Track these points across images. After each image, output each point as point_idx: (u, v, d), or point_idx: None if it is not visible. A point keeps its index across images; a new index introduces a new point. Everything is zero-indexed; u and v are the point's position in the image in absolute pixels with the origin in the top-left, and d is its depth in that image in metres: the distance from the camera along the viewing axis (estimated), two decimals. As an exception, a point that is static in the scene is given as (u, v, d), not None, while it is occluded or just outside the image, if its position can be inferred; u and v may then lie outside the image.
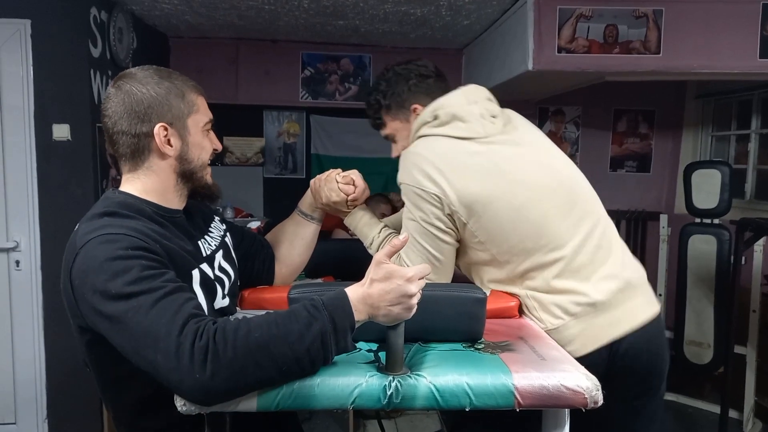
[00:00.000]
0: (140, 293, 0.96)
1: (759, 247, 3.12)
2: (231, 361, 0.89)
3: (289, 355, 0.92)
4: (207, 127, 1.24)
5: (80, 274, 1.01)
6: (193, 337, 0.90)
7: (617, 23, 2.92)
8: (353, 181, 1.53)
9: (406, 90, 1.54)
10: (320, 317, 0.95)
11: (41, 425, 2.90)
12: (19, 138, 2.75)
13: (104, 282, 0.97)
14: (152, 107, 1.15)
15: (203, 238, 1.29)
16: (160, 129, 1.15)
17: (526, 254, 1.38)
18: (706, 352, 3.29)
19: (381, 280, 0.97)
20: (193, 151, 1.21)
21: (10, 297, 2.83)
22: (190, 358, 0.89)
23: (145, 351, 0.93)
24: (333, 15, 3.33)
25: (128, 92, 1.15)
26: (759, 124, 3.91)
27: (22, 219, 2.79)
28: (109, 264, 0.98)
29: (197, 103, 1.22)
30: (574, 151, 4.51)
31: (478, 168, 1.39)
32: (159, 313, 0.94)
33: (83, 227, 1.08)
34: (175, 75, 1.21)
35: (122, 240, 1.02)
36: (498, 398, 0.97)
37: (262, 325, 0.94)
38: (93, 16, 2.82)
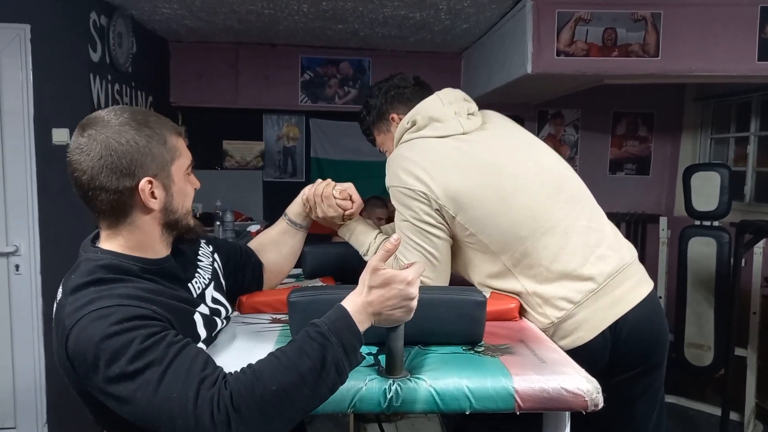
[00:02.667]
0: (145, 368, 0.90)
1: (759, 249, 3.12)
2: (257, 423, 0.87)
3: (309, 395, 0.90)
4: (188, 170, 1.15)
5: (78, 356, 0.95)
6: (211, 409, 0.86)
7: (616, 26, 2.93)
8: (350, 197, 1.54)
9: (384, 102, 1.62)
10: (330, 346, 0.91)
11: (41, 430, 2.89)
12: (19, 142, 2.75)
13: (105, 365, 0.91)
14: (135, 160, 1.03)
15: (194, 276, 1.23)
16: (145, 183, 1.05)
17: (519, 241, 1.39)
18: (707, 354, 3.28)
19: (380, 286, 0.96)
20: (177, 200, 1.12)
21: (10, 301, 2.82)
22: (208, 413, 0.86)
23: (162, 430, 0.89)
24: (332, 19, 3.34)
25: (106, 145, 1.02)
26: (758, 126, 3.91)
27: (22, 223, 2.79)
28: (106, 344, 0.91)
29: (178, 147, 1.11)
30: (574, 154, 4.52)
31: (461, 161, 1.43)
32: (169, 386, 0.89)
33: (70, 302, 0.99)
34: (152, 117, 1.09)
35: (115, 313, 0.94)
36: (498, 401, 0.97)
37: (275, 374, 0.89)
38: (93, 21, 2.83)
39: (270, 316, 1.36)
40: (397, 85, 1.63)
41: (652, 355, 1.44)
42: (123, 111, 1.07)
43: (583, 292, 1.37)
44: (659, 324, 1.47)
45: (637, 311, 1.40)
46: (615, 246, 1.45)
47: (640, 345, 1.41)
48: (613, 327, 1.38)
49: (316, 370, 0.89)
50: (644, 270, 1.51)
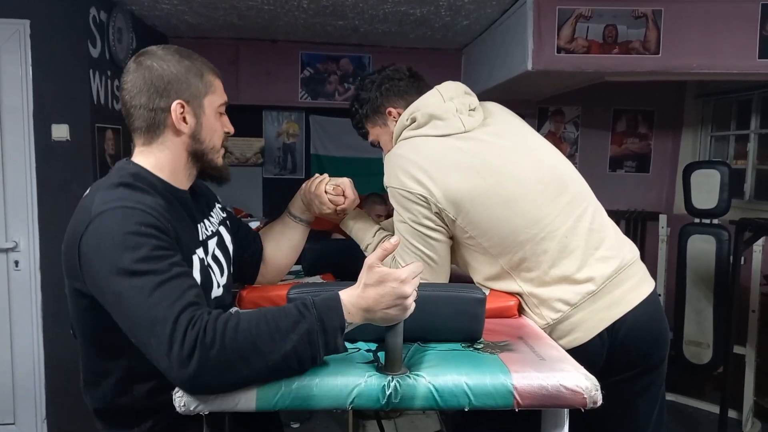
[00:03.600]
0: (146, 273, 0.97)
1: (758, 247, 3.12)
2: (218, 354, 0.90)
3: (275, 352, 0.93)
4: (221, 109, 1.26)
5: (91, 242, 1.02)
6: (186, 326, 0.92)
7: (616, 23, 2.92)
8: (343, 192, 1.53)
9: (378, 95, 1.56)
10: (308, 316, 0.95)
11: (40, 425, 2.90)
12: (19, 138, 2.74)
13: (114, 255, 0.99)
14: (172, 84, 1.17)
15: (203, 222, 1.29)
16: (177, 106, 1.17)
17: (519, 246, 1.37)
18: (706, 352, 3.29)
19: (374, 284, 0.97)
20: (205, 131, 1.22)
21: (9, 297, 2.83)
22: (180, 347, 0.90)
23: (140, 332, 0.96)
24: (332, 15, 3.33)
25: (149, 68, 1.17)
26: (758, 124, 3.91)
27: (22, 219, 2.79)
28: (122, 238, 1.00)
29: (214, 85, 1.24)
30: (574, 151, 4.51)
31: (462, 163, 1.39)
32: (161, 296, 0.95)
33: (100, 196, 1.08)
34: (195, 56, 1.24)
35: (138, 215, 1.03)
36: (497, 398, 0.97)
37: (251, 320, 0.95)
38: (92, 17, 2.82)
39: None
40: (390, 77, 1.57)
41: (652, 355, 1.43)
42: (171, 47, 1.24)
43: (581, 294, 1.36)
44: (659, 324, 1.45)
45: (637, 312, 1.38)
46: (616, 246, 1.44)
47: (639, 346, 1.40)
48: (610, 329, 1.36)
49: (287, 330, 0.93)
50: (645, 269, 1.49)
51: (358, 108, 1.62)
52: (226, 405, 0.94)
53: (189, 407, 0.93)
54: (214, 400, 0.94)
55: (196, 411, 0.93)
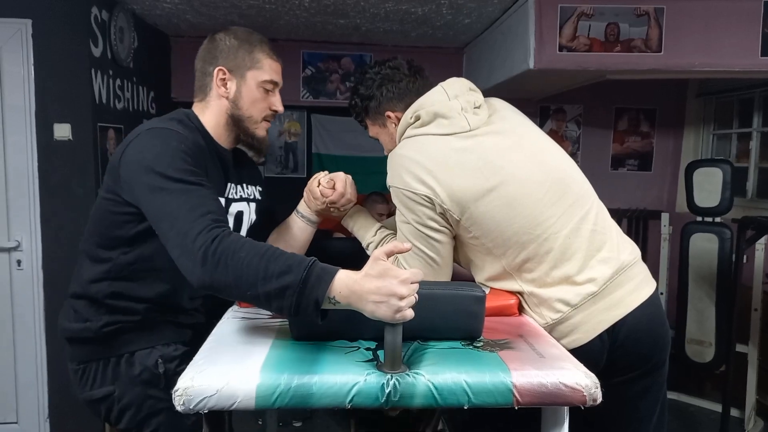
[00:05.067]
0: (181, 181, 1.16)
1: (760, 245, 3.11)
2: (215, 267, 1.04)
3: (253, 289, 1.02)
4: (266, 86, 1.41)
5: (137, 146, 1.24)
6: (201, 229, 1.07)
7: (618, 21, 2.92)
8: (334, 185, 1.54)
9: (378, 96, 1.54)
10: (297, 273, 1.00)
11: (43, 424, 2.90)
12: (21, 138, 2.75)
13: (155, 161, 1.19)
14: (221, 53, 1.38)
15: (235, 185, 1.48)
16: (218, 71, 1.38)
17: (521, 246, 1.37)
18: (708, 350, 3.28)
19: (375, 276, 0.98)
20: (245, 100, 1.40)
21: (12, 296, 2.83)
22: (192, 243, 1.06)
23: (164, 223, 1.13)
24: (334, 14, 3.33)
25: (213, 39, 1.41)
26: (760, 122, 3.90)
27: (24, 219, 2.80)
28: (164, 148, 1.21)
29: (263, 63, 1.40)
30: (576, 150, 4.51)
31: (467, 164, 1.37)
32: (188, 199, 1.13)
33: (155, 120, 1.33)
34: (258, 38, 1.42)
35: (183, 141, 1.25)
36: (497, 396, 0.96)
37: (250, 252, 1.04)
38: (94, 16, 2.83)
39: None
40: (390, 78, 1.54)
41: (653, 356, 1.42)
42: (247, 30, 1.44)
43: (581, 295, 1.35)
44: (660, 326, 1.44)
45: (637, 313, 1.38)
46: (618, 247, 1.43)
47: (639, 347, 1.39)
48: (610, 330, 1.36)
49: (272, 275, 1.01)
50: (647, 270, 1.48)
51: (357, 102, 1.60)
52: (225, 403, 0.94)
53: (189, 406, 0.93)
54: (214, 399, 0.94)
55: (196, 409, 0.94)
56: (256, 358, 1.02)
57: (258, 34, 1.44)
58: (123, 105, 3.21)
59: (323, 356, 1.04)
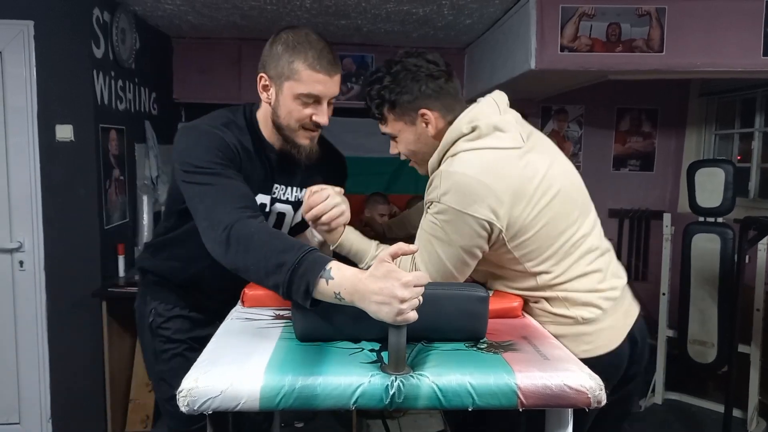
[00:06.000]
0: (206, 170, 1.30)
1: (763, 245, 3.11)
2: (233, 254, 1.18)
3: (260, 262, 1.12)
4: (304, 98, 1.39)
5: (176, 140, 1.41)
6: (226, 224, 1.18)
7: (620, 21, 2.91)
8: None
9: (415, 90, 1.41)
10: (295, 253, 1.08)
11: (45, 425, 2.91)
12: (23, 139, 2.75)
13: (187, 153, 1.35)
14: (268, 59, 1.42)
15: (285, 186, 1.54)
16: (260, 77, 1.43)
17: (557, 265, 1.38)
18: (710, 351, 3.28)
19: (379, 276, 0.98)
20: (282, 109, 1.42)
21: (14, 297, 2.84)
22: (216, 235, 1.20)
23: (196, 214, 1.28)
24: (335, 15, 3.33)
25: (273, 40, 1.42)
26: (763, 122, 3.90)
27: (26, 220, 2.80)
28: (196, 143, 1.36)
29: (301, 75, 1.37)
30: (577, 150, 4.50)
31: (528, 183, 1.33)
32: (213, 188, 1.27)
33: (202, 119, 1.45)
34: (309, 45, 1.38)
35: (215, 139, 1.37)
36: (501, 398, 0.96)
37: (265, 234, 1.17)
38: (95, 17, 2.83)
39: (273, 311, 1.35)
40: (431, 73, 1.42)
41: (630, 367, 1.46)
42: (307, 33, 1.40)
43: (609, 301, 1.41)
44: (646, 337, 1.54)
45: (639, 322, 1.49)
46: (617, 262, 1.52)
47: (644, 354, 1.51)
48: (630, 336, 1.43)
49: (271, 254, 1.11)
50: None
51: (384, 94, 1.43)
52: (229, 404, 0.94)
53: (193, 407, 0.93)
54: (218, 400, 0.94)
55: (200, 411, 0.94)
56: (260, 359, 1.02)
57: (314, 40, 1.38)
58: (125, 106, 3.21)
59: (327, 357, 1.04)
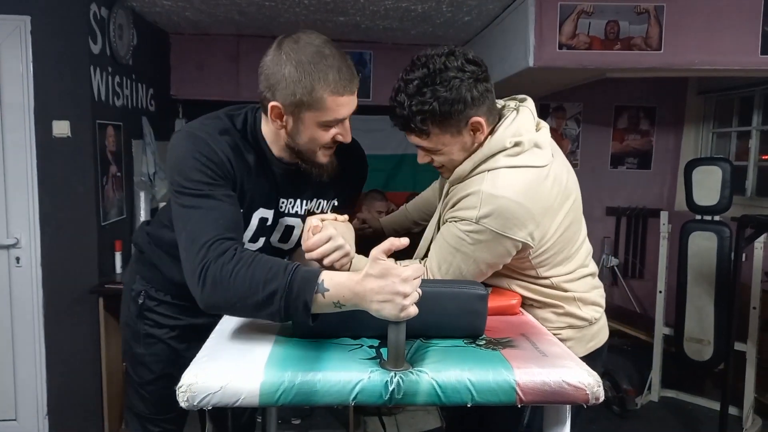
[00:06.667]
0: (197, 195, 1.17)
1: (759, 244, 3.12)
2: (211, 293, 1.07)
3: (246, 299, 1.05)
4: (329, 124, 1.24)
5: (171, 146, 1.25)
6: (202, 262, 1.08)
7: (618, 19, 2.92)
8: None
9: (468, 98, 1.29)
10: (281, 278, 1.02)
11: (42, 421, 2.90)
12: (19, 135, 2.74)
13: (176, 171, 1.20)
14: (278, 85, 1.19)
15: (293, 200, 1.39)
16: (272, 106, 1.22)
17: (569, 270, 1.43)
18: (707, 348, 3.29)
19: (376, 276, 0.97)
20: (303, 138, 1.25)
21: (11, 294, 2.83)
22: (193, 271, 1.09)
23: (179, 239, 1.17)
24: (333, 11, 3.33)
25: (275, 60, 1.20)
26: (760, 120, 3.91)
27: (23, 216, 2.79)
28: (188, 155, 1.20)
29: (325, 103, 1.20)
30: (575, 148, 4.51)
31: (557, 199, 1.33)
32: (196, 214, 1.15)
33: (199, 122, 1.28)
34: (326, 64, 1.19)
35: (211, 154, 1.21)
36: (500, 394, 0.96)
37: (246, 270, 1.05)
38: (93, 13, 2.82)
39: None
40: (478, 77, 1.31)
41: None
42: (314, 41, 1.21)
43: (604, 298, 1.51)
44: None
45: None
46: None
47: None
48: None
49: (259, 284, 1.03)
50: None
51: (436, 106, 1.28)
52: (229, 400, 0.94)
53: (193, 402, 0.93)
54: (218, 396, 0.94)
55: (200, 406, 0.93)
56: (259, 355, 1.02)
57: (329, 55, 1.20)
58: (122, 102, 3.20)
59: (327, 354, 1.04)
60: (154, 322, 1.56)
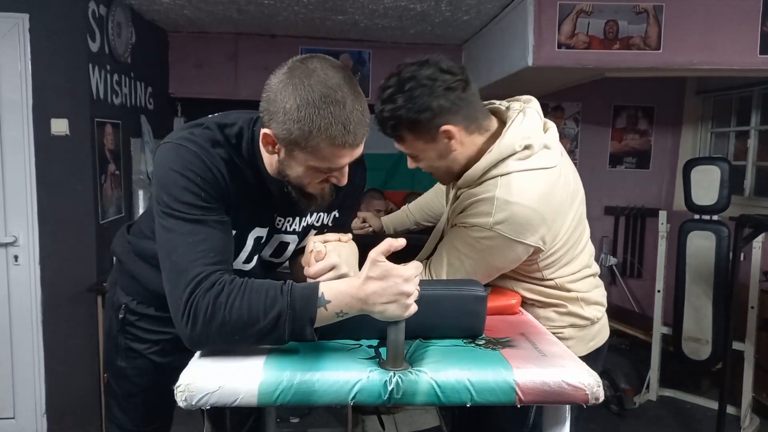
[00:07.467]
0: (184, 218, 1.07)
1: (758, 243, 3.12)
2: (203, 328, 0.99)
3: (246, 334, 0.99)
4: (317, 171, 1.13)
5: (160, 157, 1.13)
6: (190, 295, 1.00)
7: (617, 19, 2.92)
8: None
9: (434, 107, 1.29)
10: (282, 301, 0.98)
11: (40, 420, 2.90)
12: (18, 133, 2.74)
13: (162, 189, 1.09)
14: (276, 115, 1.06)
15: (291, 218, 1.30)
16: (265, 134, 1.10)
17: (573, 272, 1.44)
18: (705, 348, 3.29)
19: (378, 278, 0.97)
20: (291, 171, 1.14)
21: (9, 292, 2.82)
22: (177, 306, 1.01)
23: (163, 262, 1.07)
24: (332, 10, 3.32)
25: (281, 87, 1.06)
26: (758, 120, 3.91)
27: (21, 214, 2.78)
28: (174, 175, 1.08)
29: (323, 153, 1.08)
30: (574, 147, 4.51)
31: (566, 200, 1.35)
32: (182, 247, 1.05)
33: (191, 131, 1.15)
34: (334, 110, 1.04)
35: (199, 164, 1.10)
36: (499, 394, 0.96)
37: (235, 299, 0.99)
38: (91, 11, 2.81)
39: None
40: (448, 86, 1.30)
41: None
42: (333, 78, 1.06)
43: (605, 296, 1.52)
44: None
45: None
46: None
47: None
48: None
49: (259, 313, 0.98)
50: None
51: (402, 114, 1.30)
52: (227, 400, 0.94)
53: (191, 402, 0.93)
54: (216, 395, 0.93)
55: (198, 406, 0.93)
56: (258, 355, 1.02)
57: (341, 98, 1.05)
58: (120, 100, 3.19)
59: (325, 353, 1.04)
60: (135, 337, 1.47)
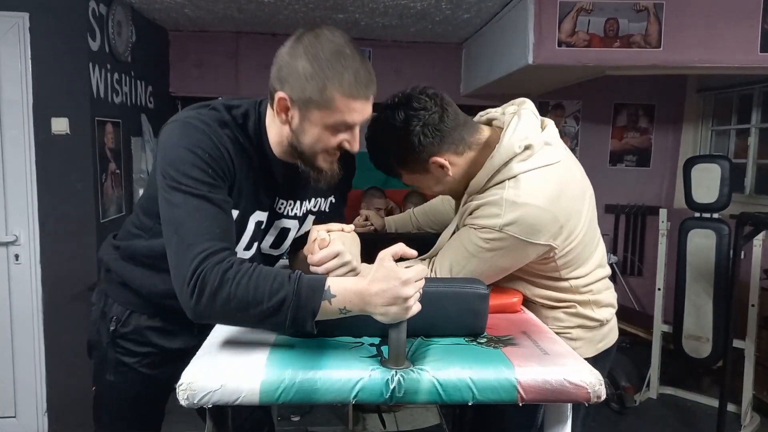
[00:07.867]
0: (190, 193, 1.07)
1: (758, 241, 3.12)
2: (207, 303, 1.00)
3: (249, 313, 1.00)
4: (337, 126, 1.16)
5: (166, 135, 1.14)
6: (197, 267, 1.01)
7: (618, 17, 2.91)
8: None
9: (416, 146, 1.33)
10: (288, 287, 0.99)
11: (41, 418, 2.90)
12: (18, 132, 2.74)
13: (169, 163, 1.10)
14: (290, 77, 1.13)
15: (291, 201, 1.33)
16: (280, 98, 1.14)
17: (587, 271, 1.43)
18: (705, 346, 3.29)
19: (380, 279, 0.97)
20: (307, 137, 1.17)
21: (10, 291, 2.83)
22: (183, 279, 1.02)
23: (167, 238, 1.08)
24: (333, 8, 3.32)
25: (291, 52, 1.14)
26: (759, 118, 3.91)
27: (21, 213, 2.78)
28: (182, 151, 1.10)
29: (336, 104, 1.12)
30: (574, 146, 4.50)
31: (576, 197, 1.35)
32: (192, 215, 1.06)
33: (198, 112, 1.17)
34: (344, 64, 1.11)
35: (211, 149, 1.11)
36: (501, 392, 0.96)
37: (242, 279, 1.00)
38: (92, 10, 2.81)
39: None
40: (425, 122, 1.32)
41: None
42: (337, 39, 1.13)
43: (616, 297, 1.52)
44: None
45: None
46: None
47: None
48: None
49: (263, 296, 0.99)
50: None
51: (388, 159, 1.39)
52: (229, 398, 0.94)
53: (193, 400, 0.93)
54: (218, 394, 0.93)
55: (200, 404, 0.93)
56: (260, 353, 1.02)
57: (348, 55, 1.13)
58: (121, 99, 3.19)
59: (327, 352, 1.04)
60: (126, 350, 1.44)
